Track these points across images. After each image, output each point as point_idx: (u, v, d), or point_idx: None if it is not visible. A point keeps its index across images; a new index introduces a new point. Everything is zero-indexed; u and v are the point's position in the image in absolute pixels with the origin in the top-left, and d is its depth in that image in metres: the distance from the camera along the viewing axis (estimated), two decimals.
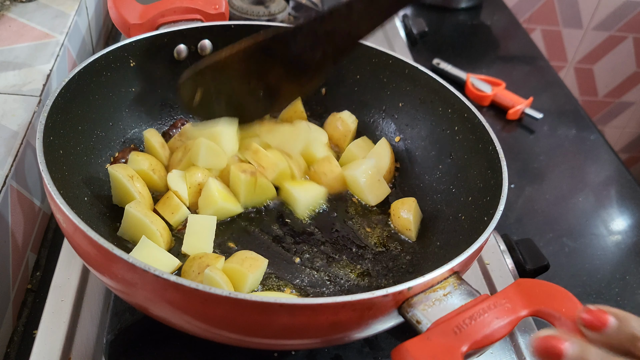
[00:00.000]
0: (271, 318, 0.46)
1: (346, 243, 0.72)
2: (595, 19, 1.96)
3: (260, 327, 0.48)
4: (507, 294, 0.49)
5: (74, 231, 0.51)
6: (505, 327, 0.47)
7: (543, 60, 1.42)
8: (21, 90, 0.80)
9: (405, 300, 0.49)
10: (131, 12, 0.78)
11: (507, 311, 0.47)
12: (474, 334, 0.45)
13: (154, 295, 0.48)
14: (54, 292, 0.66)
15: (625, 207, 1.04)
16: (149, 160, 0.72)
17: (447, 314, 0.48)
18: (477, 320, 0.46)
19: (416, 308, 0.49)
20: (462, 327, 0.46)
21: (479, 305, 0.48)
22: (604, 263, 0.93)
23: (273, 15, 1.15)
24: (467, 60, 1.32)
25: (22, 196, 0.73)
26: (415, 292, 0.49)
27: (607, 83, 2.14)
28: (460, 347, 0.45)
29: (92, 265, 0.53)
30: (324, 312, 0.46)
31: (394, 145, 0.83)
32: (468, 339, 0.45)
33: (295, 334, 0.50)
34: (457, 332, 0.45)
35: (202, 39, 0.79)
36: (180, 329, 0.53)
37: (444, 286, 0.50)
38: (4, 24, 0.92)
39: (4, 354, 0.69)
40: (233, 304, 0.45)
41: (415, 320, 0.48)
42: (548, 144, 1.15)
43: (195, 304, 0.46)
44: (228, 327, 0.49)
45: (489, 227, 0.57)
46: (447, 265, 0.51)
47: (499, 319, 0.47)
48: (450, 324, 0.46)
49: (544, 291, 0.49)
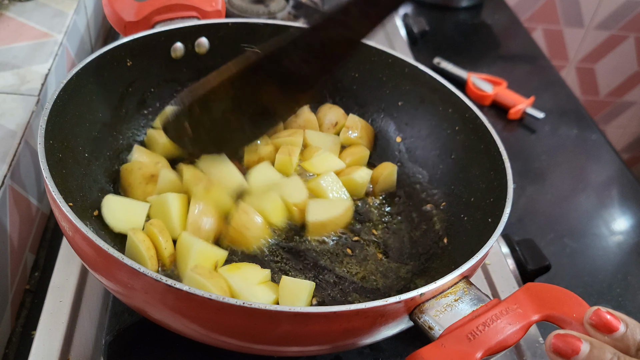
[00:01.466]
0: (284, 326, 0.46)
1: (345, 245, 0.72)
2: (597, 18, 1.95)
3: (272, 335, 0.48)
4: (517, 299, 0.49)
5: (82, 240, 0.50)
6: (518, 332, 0.47)
7: (544, 59, 1.41)
8: (19, 89, 0.80)
9: (417, 306, 0.49)
10: (126, 10, 0.77)
11: (519, 317, 0.47)
12: (488, 340, 0.45)
13: (162, 304, 0.48)
14: (52, 293, 0.66)
15: (627, 207, 1.04)
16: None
17: (460, 320, 0.48)
18: (490, 327, 0.46)
19: (428, 314, 0.48)
20: (475, 333, 0.46)
21: (491, 311, 0.47)
22: (605, 263, 0.93)
23: (273, 14, 1.14)
24: (468, 60, 1.32)
25: (20, 196, 0.73)
26: (427, 298, 0.49)
27: (609, 82, 2.13)
28: (475, 353, 0.45)
29: (96, 269, 0.52)
30: (338, 320, 0.46)
31: (395, 145, 0.82)
32: (482, 346, 0.45)
33: (306, 341, 0.49)
34: (471, 339, 0.45)
35: (199, 37, 0.79)
36: (183, 334, 0.52)
37: (454, 291, 0.50)
38: (2, 23, 0.92)
39: (2, 355, 0.69)
40: (247, 313, 0.45)
41: (428, 326, 0.48)
42: (549, 143, 1.15)
43: (208, 314, 0.46)
44: (238, 336, 0.49)
45: (497, 230, 0.56)
46: (457, 270, 0.51)
47: (511, 325, 0.47)
48: (463, 331, 0.46)
49: (553, 296, 0.49)
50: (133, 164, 0.71)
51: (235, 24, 0.80)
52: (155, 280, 0.45)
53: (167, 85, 0.80)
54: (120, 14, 0.77)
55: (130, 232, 0.61)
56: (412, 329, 0.51)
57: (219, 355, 0.61)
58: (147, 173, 0.70)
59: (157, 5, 0.78)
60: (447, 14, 1.53)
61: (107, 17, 0.78)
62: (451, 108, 0.75)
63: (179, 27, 0.77)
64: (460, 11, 1.54)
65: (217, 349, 0.54)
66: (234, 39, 0.80)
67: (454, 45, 1.41)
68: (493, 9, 1.58)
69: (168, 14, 0.79)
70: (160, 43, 0.76)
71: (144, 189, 0.69)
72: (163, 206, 0.65)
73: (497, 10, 1.58)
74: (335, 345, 0.52)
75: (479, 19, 1.54)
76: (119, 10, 0.77)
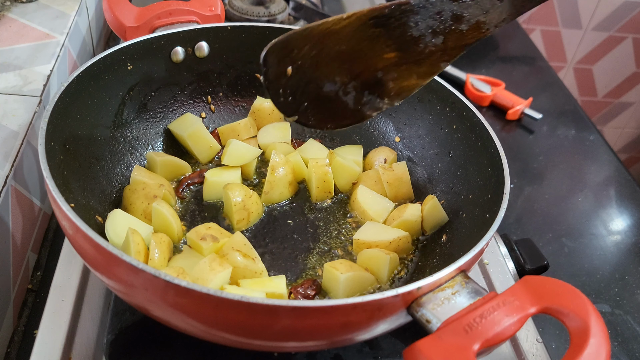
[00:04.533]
0: (282, 321, 0.47)
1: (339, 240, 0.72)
2: (595, 20, 1.96)
3: (271, 330, 0.48)
4: (514, 291, 0.49)
5: (83, 239, 0.51)
6: (515, 324, 0.47)
7: (542, 60, 1.42)
8: (22, 90, 0.81)
9: (414, 300, 0.49)
10: (127, 15, 0.78)
11: (516, 309, 0.47)
12: (485, 332, 0.46)
13: (162, 300, 0.48)
14: (54, 292, 0.66)
15: (624, 207, 1.04)
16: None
17: (457, 313, 0.48)
18: (487, 319, 0.46)
19: (425, 307, 0.49)
20: (472, 325, 0.46)
21: (488, 304, 0.48)
22: (603, 263, 0.93)
23: (273, 15, 1.15)
24: (466, 61, 1.32)
25: (22, 196, 0.74)
26: (424, 292, 0.49)
27: (607, 83, 2.14)
28: (472, 345, 0.45)
29: (97, 268, 0.53)
30: (336, 314, 0.46)
31: (394, 145, 0.83)
32: (479, 338, 0.45)
33: (304, 336, 0.50)
34: (468, 331, 0.46)
35: (199, 41, 0.79)
36: (184, 331, 0.53)
37: (451, 285, 0.51)
38: (5, 25, 0.92)
39: (4, 354, 0.69)
40: (245, 308, 0.45)
41: (425, 319, 0.48)
42: (547, 144, 1.15)
43: (207, 309, 0.46)
44: (237, 331, 0.49)
45: (494, 224, 0.57)
46: (454, 264, 0.51)
47: (508, 317, 0.47)
48: (460, 323, 0.46)
49: (551, 288, 0.49)
50: (137, 184, 0.71)
51: (234, 27, 0.80)
52: (155, 276, 0.46)
53: (167, 89, 0.81)
54: (121, 19, 0.77)
55: (129, 231, 0.61)
56: (412, 327, 0.52)
57: (220, 353, 0.62)
58: (150, 194, 0.70)
59: (157, 11, 0.78)
60: None
61: (108, 22, 0.79)
62: (449, 107, 0.76)
63: (179, 31, 0.78)
64: None
65: (218, 347, 0.54)
66: (234, 42, 0.81)
67: None
68: None
69: (168, 18, 0.79)
70: (160, 47, 0.77)
71: (145, 208, 0.69)
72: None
73: None
74: (334, 340, 0.52)
75: None
76: (120, 15, 0.77)
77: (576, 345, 0.45)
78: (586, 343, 0.44)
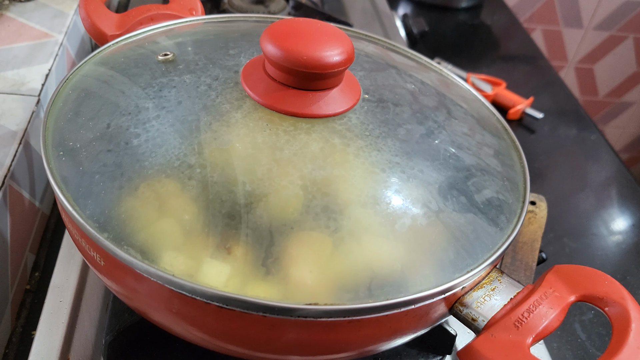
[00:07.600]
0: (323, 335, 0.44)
1: None
2: (596, 19, 1.96)
3: (285, 342, 0.45)
4: (550, 282, 0.48)
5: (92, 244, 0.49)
6: (559, 315, 0.47)
7: (543, 59, 1.41)
8: (20, 89, 0.80)
9: (457, 300, 0.49)
10: (107, 23, 0.74)
11: (557, 300, 0.47)
12: (535, 326, 0.46)
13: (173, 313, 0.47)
14: (52, 293, 0.66)
15: (626, 207, 1.04)
16: None
17: (502, 309, 0.48)
18: (534, 313, 0.46)
19: (469, 307, 0.48)
20: (522, 320, 0.46)
21: (531, 298, 0.48)
22: (604, 263, 0.93)
23: (273, 14, 1.14)
24: (467, 60, 1.32)
25: (20, 196, 0.73)
26: (466, 291, 0.49)
27: (608, 83, 2.14)
28: (525, 340, 0.45)
29: (100, 270, 0.52)
30: (388, 322, 0.45)
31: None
32: (531, 332, 0.45)
33: (338, 349, 0.48)
34: (519, 326, 0.45)
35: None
36: (192, 341, 0.52)
37: (489, 281, 0.50)
38: (3, 24, 0.92)
39: (2, 355, 0.69)
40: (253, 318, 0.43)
41: (471, 318, 0.48)
42: (548, 143, 1.15)
43: (230, 324, 0.44)
44: (261, 348, 0.47)
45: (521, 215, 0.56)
46: (489, 259, 0.50)
47: (552, 309, 0.47)
48: (509, 319, 0.46)
49: (583, 275, 0.49)
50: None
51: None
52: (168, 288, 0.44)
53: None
54: (101, 28, 0.73)
55: None
56: (467, 326, 0.51)
57: (220, 356, 0.61)
58: None
59: (137, 17, 0.75)
60: (446, 14, 1.53)
61: (88, 32, 0.75)
62: None
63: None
64: (459, 12, 1.55)
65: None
66: None
67: (453, 46, 1.41)
68: (492, 9, 1.58)
69: (150, 24, 0.76)
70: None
71: None
72: None
73: (496, 11, 1.58)
74: (363, 351, 0.50)
75: (478, 20, 1.54)
76: (99, 24, 0.73)
77: (618, 331, 0.45)
78: (629, 328, 0.44)
